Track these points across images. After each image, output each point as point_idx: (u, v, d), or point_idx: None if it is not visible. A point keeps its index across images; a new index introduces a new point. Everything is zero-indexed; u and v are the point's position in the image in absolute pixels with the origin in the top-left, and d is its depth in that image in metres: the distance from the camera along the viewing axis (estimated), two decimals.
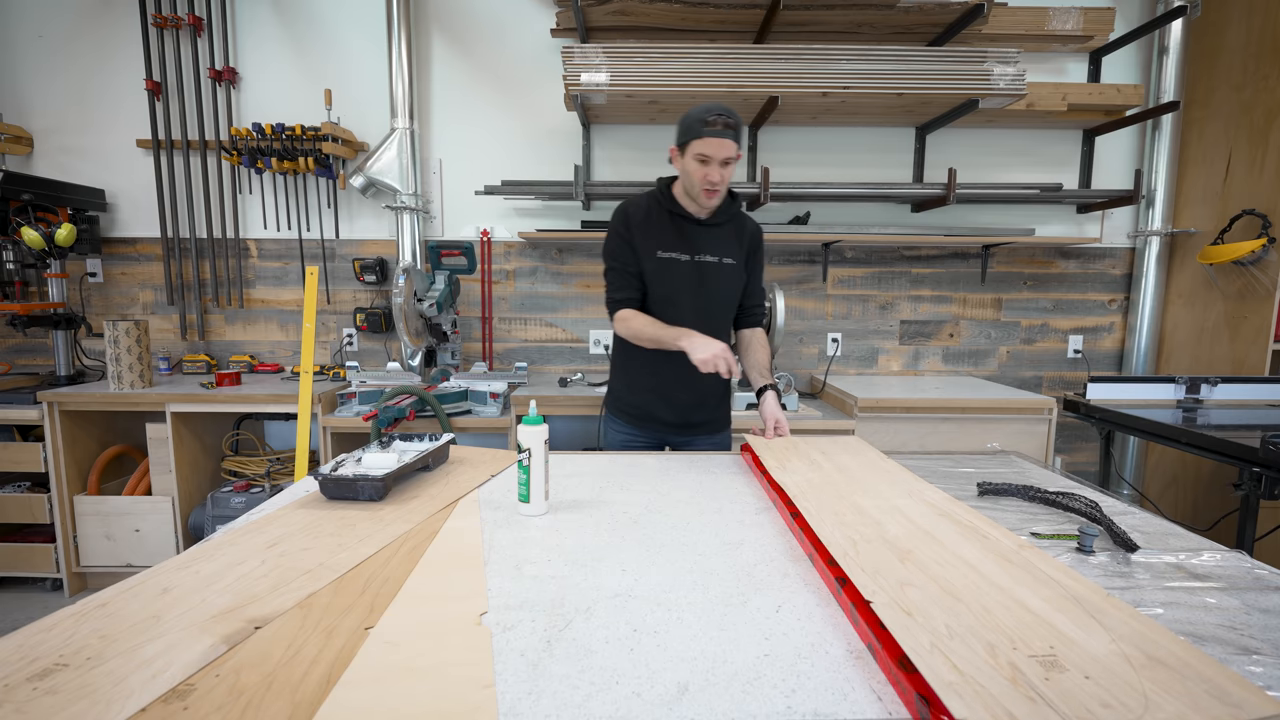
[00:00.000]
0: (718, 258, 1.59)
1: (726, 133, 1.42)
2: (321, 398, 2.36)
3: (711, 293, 1.60)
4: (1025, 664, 0.60)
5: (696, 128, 1.43)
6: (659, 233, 1.58)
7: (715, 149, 1.43)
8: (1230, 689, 0.56)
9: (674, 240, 1.58)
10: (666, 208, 1.59)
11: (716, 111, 1.42)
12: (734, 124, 1.43)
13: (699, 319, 1.56)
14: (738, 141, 1.45)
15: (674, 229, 1.59)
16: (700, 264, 1.59)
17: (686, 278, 1.58)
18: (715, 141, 1.42)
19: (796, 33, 2.53)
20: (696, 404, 1.66)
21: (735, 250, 1.62)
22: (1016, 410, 2.33)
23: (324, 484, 1.18)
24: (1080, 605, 0.71)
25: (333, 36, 2.74)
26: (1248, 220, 2.46)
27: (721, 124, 1.41)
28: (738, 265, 1.62)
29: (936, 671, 0.59)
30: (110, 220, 2.85)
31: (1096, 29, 2.58)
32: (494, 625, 0.74)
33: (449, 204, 2.83)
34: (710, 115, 1.42)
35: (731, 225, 1.63)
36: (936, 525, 0.97)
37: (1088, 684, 0.57)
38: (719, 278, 1.60)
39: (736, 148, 1.45)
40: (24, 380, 2.59)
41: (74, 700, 0.59)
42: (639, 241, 1.58)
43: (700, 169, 1.47)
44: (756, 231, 1.67)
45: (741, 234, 1.64)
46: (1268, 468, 1.62)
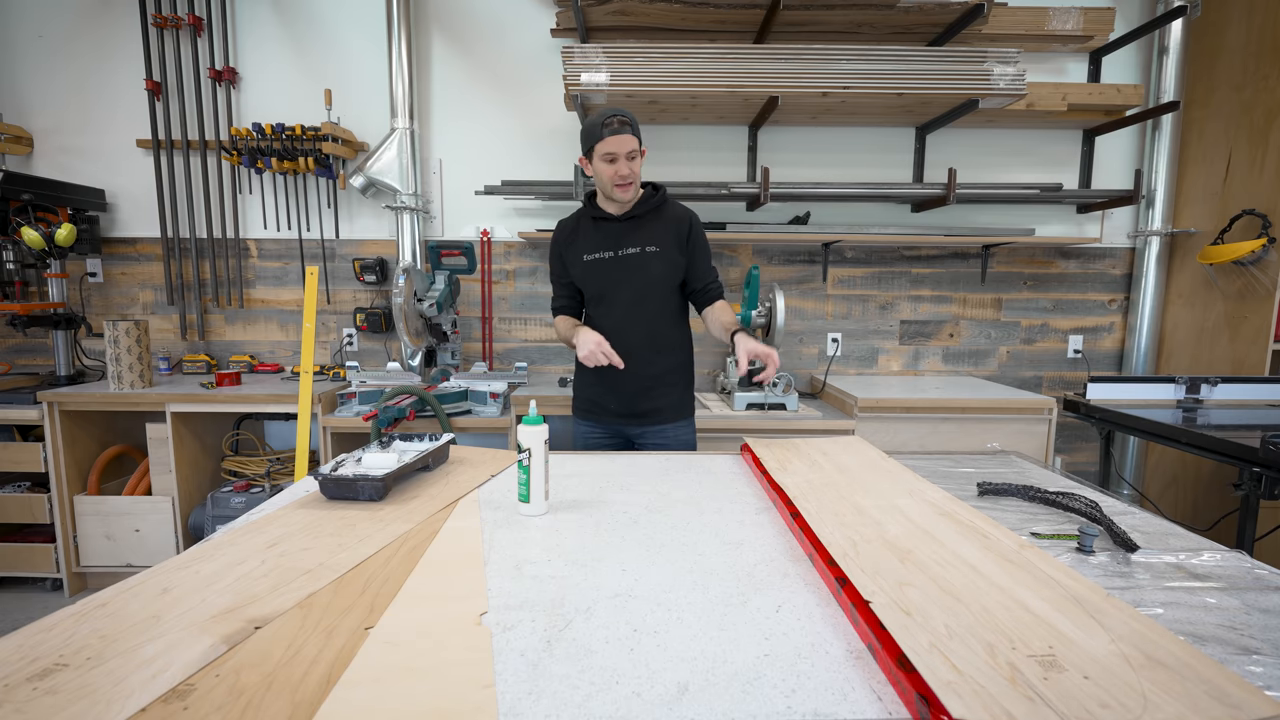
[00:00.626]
0: (640, 248, 1.68)
1: (624, 129, 1.55)
2: (321, 398, 2.36)
3: (639, 282, 1.69)
4: (1024, 664, 0.60)
5: (596, 131, 1.57)
6: (584, 238, 1.73)
7: (616, 145, 1.56)
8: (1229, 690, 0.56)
9: (597, 242, 1.71)
10: (590, 214, 1.73)
11: (613, 113, 1.56)
12: (628, 120, 1.56)
13: (629, 309, 1.70)
14: (636, 135, 1.58)
15: (597, 232, 1.71)
16: (623, 258, 1.69)
17: (612, 273, 1.69)
18: (615, 139, 1.55)
19: (796, 33, 2.53)
20: (641, 391, 1.73)
21: (662, 238, 1.69)
22: (1016, 410, 2.33)
23: (324, 484, 1.18)
24: (1080, 605, 0.71)
25: (333, 36, 2.74)
26: (1248, 220, 2.46)
27: (617, 123, 1.55)
28: (665, 251, 1.68)
29: (935, 671, 0.59)
30: (110, 220, 2.85)
31: (1096, 29, 2.58)
32: (494, 625, 0.74)
33: (449, 204, 2.83)
34: (606, 118, 1.56)
35: (654, 216, 1.71)
36: (937, 525, 0.97)
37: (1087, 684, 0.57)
38: (645, 267, 1.68)
39: (637, 141, 1.58)
40: (24, 380, 2.60)
41: (74, 700, 0.59)
42: (568, 251, 1.74)
43: (609, 167, 1.59)
44: (686, 216, 1.73)
45: (668, 222, 1.71)
46: (1268, 468, 1.62)
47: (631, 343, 1.67)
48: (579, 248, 1.73)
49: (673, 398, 1.78)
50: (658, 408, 1.76)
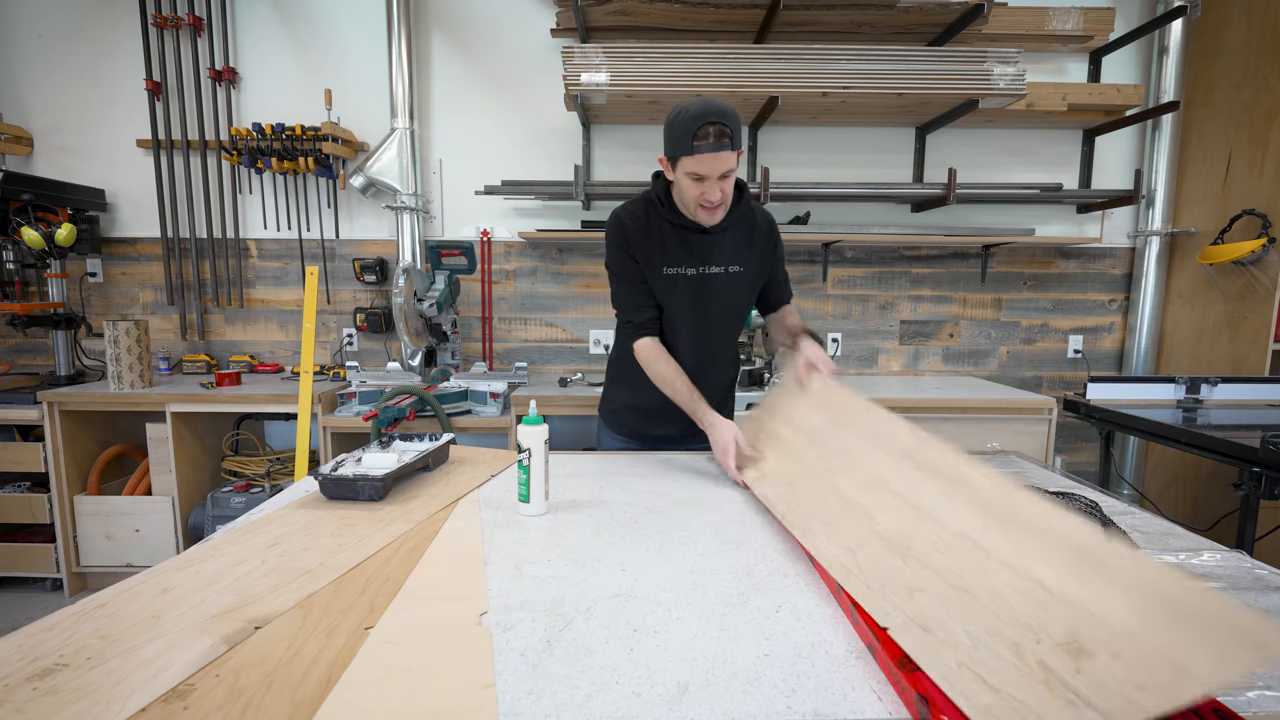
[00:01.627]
0: (724, 267, 1.44)
1: (721, 144, 1.20)
2: (321, 398, 2.36)
3: (716, 308, 1.47)
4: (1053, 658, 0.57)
5: (685, 142, 1.22)
6: (661, 246, 1.42)
7: (709, 166, 1.22)
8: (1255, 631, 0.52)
9: (678, 254, 1.41)
10: (666, 217, 1.41)
11: (708, 119, 1.19)
12: (730, 130, 1.21)
13: (702, 330, 1.48)
14: (736, 147, 1.23)
15: (678, 240, 1.41)
16: (706, 277, 1.44)
17: (691, 294, 1.44)
18: (709, 158, 1.21)
19: (796, 33, 2.53)
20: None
21: (744, 254, 1.45)
22: (1016, 410, 2.33)
23: (324, 484, 1.18)
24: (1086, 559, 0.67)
25: (333, 36, 2.74)
26: (1248, 220, 2.46)
27: (715, 134, 1.20)
28: (746, 271, 1.46)
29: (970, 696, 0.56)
30: (110, 220, 2.85)
31: (1096, 29, 2.58)
32: (494, 625, 0.74)
33: (449, 204, 2.83)
34: (700, 125, 1.20)
35: (740, 226, 1.44)
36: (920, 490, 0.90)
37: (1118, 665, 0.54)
38: (725, 290, 1.46)
39: (735, 156, 1.24)
40: (24, 380, 2.60)
41: (74, 700, 0.59)
42: (640, 255, 1.42)
43: (695, 187, 1.27)
44: (769, 224, 1.49)
45: (753, 233, 1.46)
46: (1268, 468, 1.62)
47: (695, 363, 1.47)
48: (656, 256, 1.41)
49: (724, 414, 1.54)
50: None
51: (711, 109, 1.21)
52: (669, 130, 1.27)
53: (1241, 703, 0.62)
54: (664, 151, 1.32)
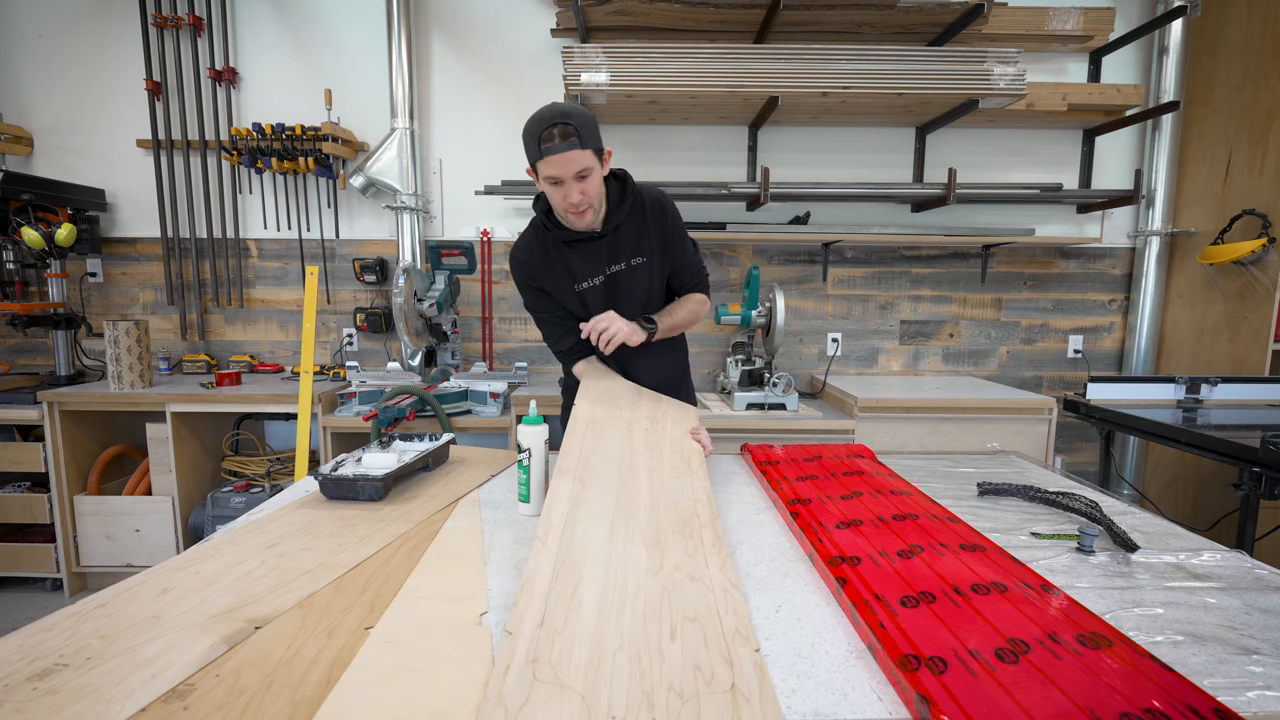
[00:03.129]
0: (625, 262, 1.43)
1: (569, 144, 1.18)
2: (321, 398, 2.36)
3: (629, 303, 1.45)
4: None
5: (534, 147, 1.21)
6: (564, 267, 1.42)
7: (560, 167, 1.20)
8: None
9: (581, 267, 1.42)
10: (558, 237, 1.40)
11: (552, 121, 1.18)
12: (574, 129, 1.18)
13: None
14: (586, 146, 1.20)
15: (575, 256, 1.42)
16: (613, 277, 1.43)
17: (604, 299, 1.45)
18: (557, 159, 1.19)
19: (796, 33, 2.53)
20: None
21: (643, 243, 1.42)
22: (1016, 410, 2.33)
23: (324, 484, 1.18)
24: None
25: (333, 36, 2.74)
26: (1248, 220, 2.46)
27: (559, 134, 1.18)
28: (650, 260, 1.44)
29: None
30: (110, 220, 2.85)
31: (1096, 29, 2.58)
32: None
33: (449, 204, 2.83)
34: (544, 128, 1.19)
35: (631, 218, 1.41)
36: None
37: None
38: (633, 283, 1.45)
39: (588, 154, 1.21)
40: (24, 380, 2.60)
41: (74, 700, 0.59)
42: (550, 286, 1.44)
43: (556, 191, 1.26)
44: (658, 205, 1.42)
45: (645, 220, 1.42)
46: (1268, 468, 1.62)
47: (631, 360, 1.51)
48: (562, 279, 1.44)
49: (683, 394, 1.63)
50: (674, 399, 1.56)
51: (556, 111, 1.20)
52: (523, 139, 1.26)
53: (1242, 703, 0.62)
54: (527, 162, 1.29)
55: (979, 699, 0.58)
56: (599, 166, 1.27)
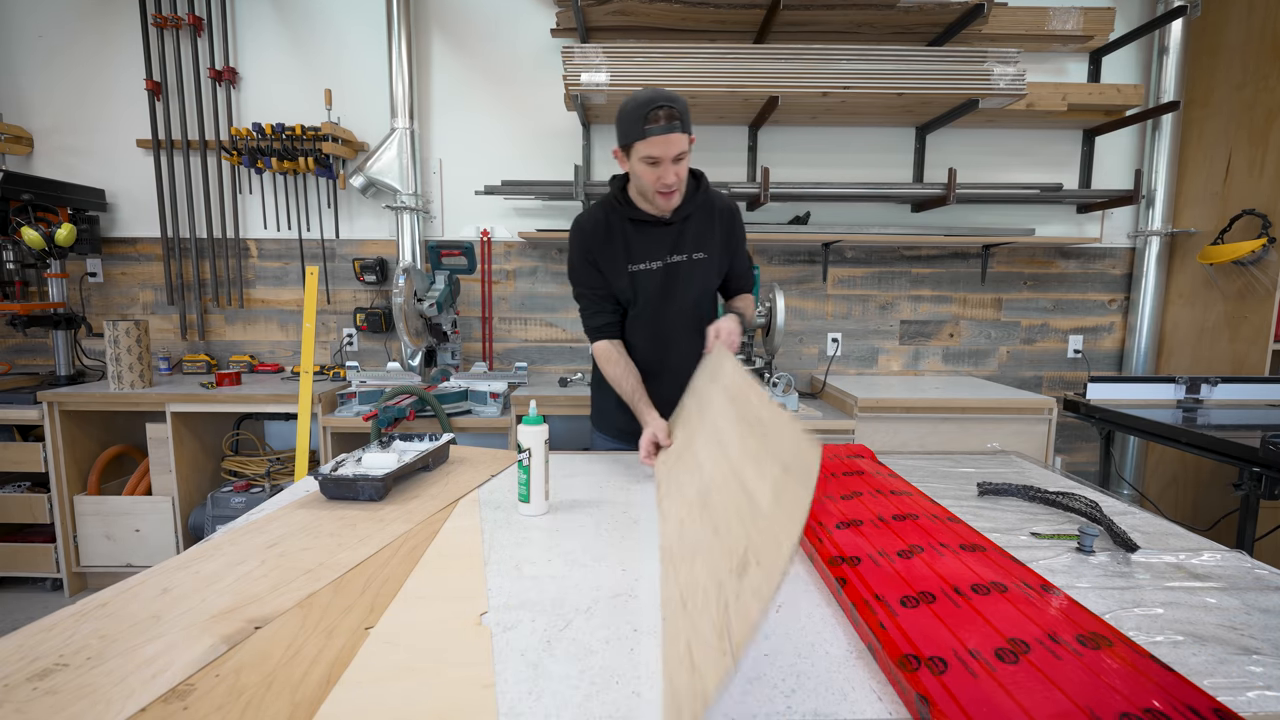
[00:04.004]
0: (687, 255, 1.47)
1: (672, 126, 1.24)
2: (321, 398, 2.36)
3: (683, 295, 1.49)
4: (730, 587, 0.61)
5: (637, 127, 1.26)
6: (623, 244, 1.45)
7: (662, 148, 1.26)
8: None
9: (641, 249, 1.45)
10: (627, 215, 1.44)
11: (656, 103, 1.23)
12: (678, 113, 1.25)
13: (674, 321, 1.51)
14: (686, 131, 1.28)
15: (639, 237, 1.45)
16: (672, 266, 1.47)
17: (658, 286, 1.47)
18: (660, 140, 1.25)
19: (796, 33, 2.53)
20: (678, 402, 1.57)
21: (708, 240, 1.48)
22: (1016, 410, 2.33)
23: (324, 484, 1.18)
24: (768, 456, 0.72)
25: (333, 36, 2.74)
26: (1248, 220, 2.46)
27: (665, 116, 1.24)
28: (710, 258, 1.48)
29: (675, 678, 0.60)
30: (110, 220, 2.85)
31: (1096, 29, 2.58)
32: (494, 625, 0.74)
33: (449, 204, 2.83)
34: (649, 109, 1.24)
35: (700, 214, 1.47)
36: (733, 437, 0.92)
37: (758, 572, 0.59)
38: (691, 277, 1.48)
39: (686, 139, 1.28)
40: (24, 380, 2.59)
41: (74, 700, 0.59)
42: (604, 261, 1.46)
43: (651, 171, 1.31)
44: (729, 210, 1.51)
45: (712, 218, 1.49)
46: (1268, 468, 1.62)
47: (673, 357, 1.51)
48: (618, 256, 1.45)
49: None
50: None
51: (660, 94, 1.26)
52: (621, 120, 1.30)
53: (1242, 703, 0.62)
54: (618, 143, 1.34)
55: (979, 699, 0.58)
56: (688, 153, 1.32)
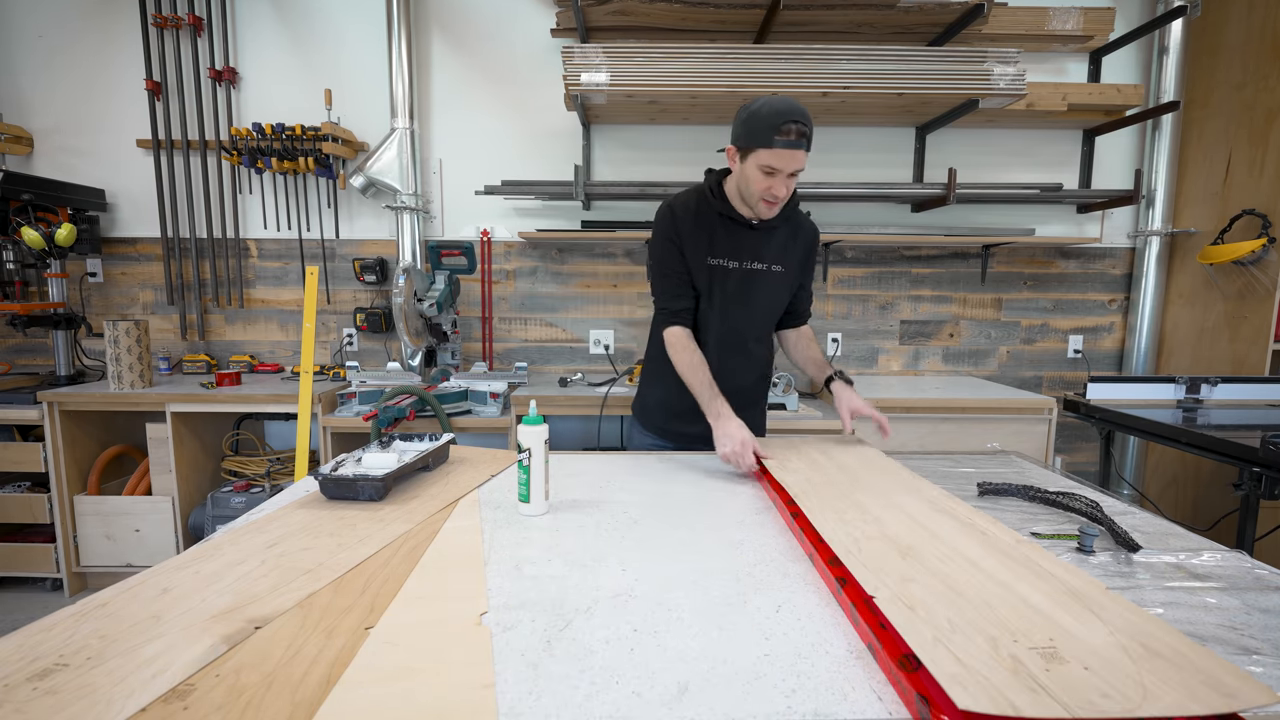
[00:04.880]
0: (767, 265, 1.48)
1: (800, 143, 1.26)
2: (321, 398, 2.36)
3: (756, 303, 1.51)
4: (1026, 656, 0.61)
5: (766, 135, 1.26)
6: (709, 236, 1.46)
7: (785, 162, 1.28)
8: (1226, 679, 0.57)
9: (725, 245, 1.46)
10: (717, 209, 1.45)
11: (792, 118, 1.25)
12: (808, 132, 1.27)
13: (740, 325, 1.51)
14: (809, 149, 1.29)
15: (725, 232, 1.46)
16: (750, 272, 1.48)
17: (734, 287, 1.48)
18: (786, 154, 1.27)
19: (796, 33, 2.53)
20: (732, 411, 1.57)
21: (788, 255, 1.50)
22: (1016, 410, 2.33)
23: (324, 484, 1.18)
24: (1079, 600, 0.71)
25: (333, 36, 2.74)
26: (1248, 220, 2.46)
27: (796, 133, 1.25)
28: (787, 272, 1.51)
29: (939, 663, 0.59)
30: (110, 220, 2.85)
31: (1096, 29, 2.58)
32: (494, 625, 0.74)
33: (449, 204, 2.83)
34: (784, 122, 1.25)
35: (787, 228, 1.50)
36: (936, 522, 0.97)
37: (1087, 675, 0.58)
38: (766, 287, 1.50)
39: (805, 158, 1.30)
40: (24, 380, 2.59)
41: (74, 700, 0.59)
42: (688, 245, 1.47)
43: (763, 180, 1.32)
44: (813, 233, 1.55)
45: (797, 236, 1.51)
46: (1268, 468, 1.62)
47: (733, 361, 1.53)
48: (702, 245, 1.46)
49: (755, 413, 1.64)
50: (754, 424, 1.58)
51: (796, 108, 1.27)
52: (749, 121, 1.30)
53: None
54: (734, 141, 1.35)
55: None
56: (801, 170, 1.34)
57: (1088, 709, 0.53)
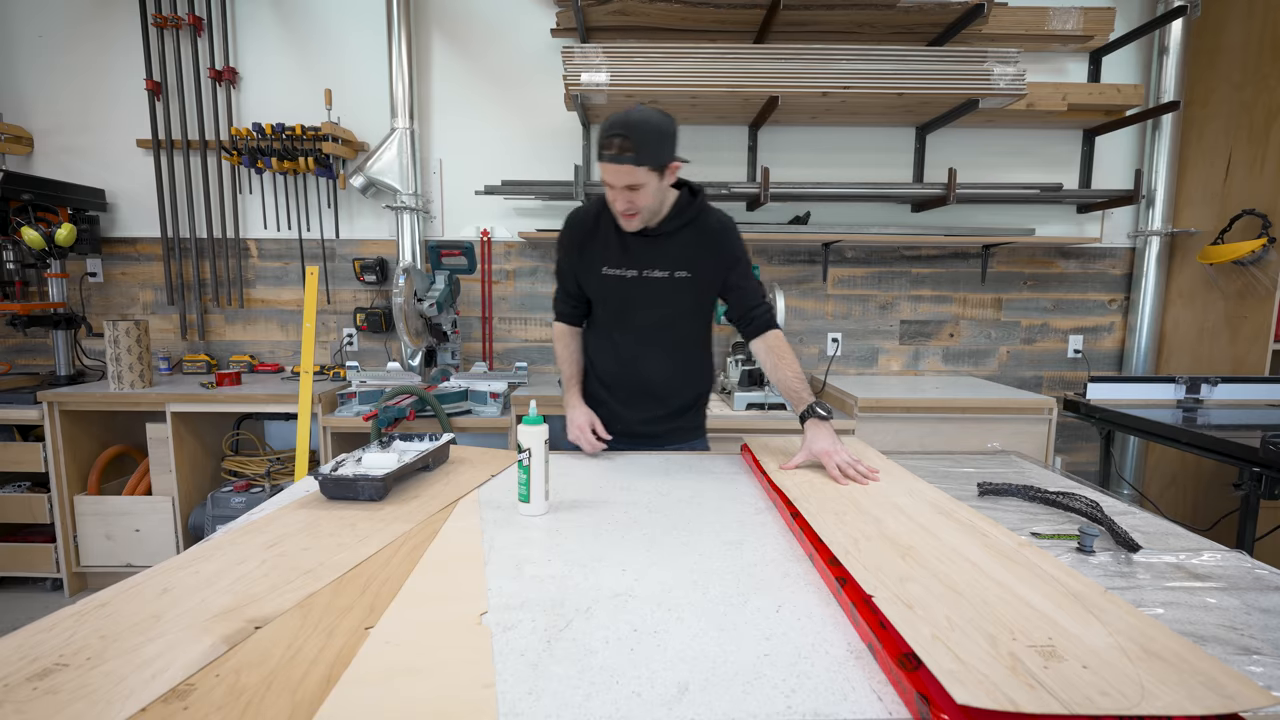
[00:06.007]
0: (668, 272, 1.43)
1: (621, 158, 1.21)
2: (321, 398, 2.36)
3: (665, 310, 1.47)
4: (1025, 654, 0.61)
5: (598, 148, 1.26)
6: (603, 247, 1.45)
7: (610, 176, 1.26)
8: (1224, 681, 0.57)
9: (617, 255, 1.44)
10: (613, 220, 1.41)
11: (613, 131, 1.21)
12: (631, 145, 1.20)
13: (652, 336, 1.50)
14: (641, 163, 1.22)
15: (619, 242, 1.43)
16: (646, 280, 1.43)
17: (633, 295, 1.45)
18: (610, 168, 1.24)
19: (796, 33, 2.53)
20: (656, 420, 1.58)
21: (692, 260, 1.43)
22: (1016, 410, 2.33)
23: (324, 484, 1.18)
24: (1078, 601, 0.72)
25: (333, 36, 2.74)
26: (1248, 220, 2.46)
27: (617, 147, 1.21)
28: (695, 277, 1.44)
29: (938, 661, 0.59)
30: (110, 220, 2.85)
31: (1096, 29, 2.58)
32: (494, 625, 0.74)
33: (449, 204, 2.83)
34: (605, 136, 1.22)
35: (689, 231, 1.42)
36: (936, 523, 0.97)
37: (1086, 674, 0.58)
38: (673, 294, 1.45)
39: (641, 171, 1.23)
40: (24, 380, 2.59)
41: (74, 700, 0.59)
42: (582, 257, 1.48)
43: (609, 193, 1.31)
44: (722, 231, 1.44)
45: (702, 238, 1.43)
46: (1268, 468, 1.62)
47: (652, 373, 1.52)
48: (596, 256, 1.46)
49: (693, 423, 1.64)
50: (675, 429, 1.61)
51: (619, 121, 1.22)
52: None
53: None
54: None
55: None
56: (655, 181, 1.28)
57: (1086, 706, 0.53)
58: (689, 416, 1.64)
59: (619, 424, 1.54)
